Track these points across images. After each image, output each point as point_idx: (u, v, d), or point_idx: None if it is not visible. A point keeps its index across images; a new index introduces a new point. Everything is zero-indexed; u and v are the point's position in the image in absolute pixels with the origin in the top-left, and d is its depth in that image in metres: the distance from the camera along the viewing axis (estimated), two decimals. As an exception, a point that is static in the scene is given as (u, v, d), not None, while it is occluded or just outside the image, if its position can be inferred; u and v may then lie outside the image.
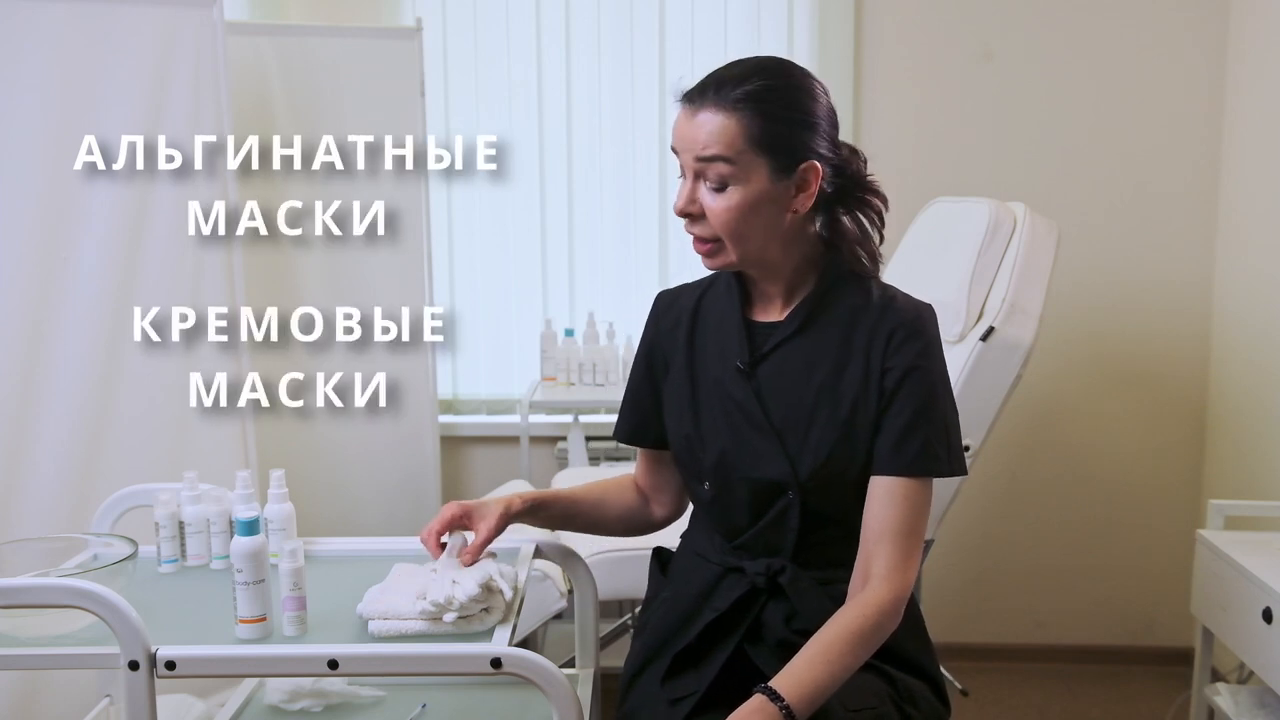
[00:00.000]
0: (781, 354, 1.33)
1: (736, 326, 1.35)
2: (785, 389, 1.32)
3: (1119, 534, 2.96)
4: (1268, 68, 2.59)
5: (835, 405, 1.30)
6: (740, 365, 1.33)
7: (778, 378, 1.32)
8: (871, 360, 1.30)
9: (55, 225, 2.01)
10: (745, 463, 1.32)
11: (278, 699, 1.56)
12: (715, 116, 1.24)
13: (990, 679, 2.86)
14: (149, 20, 2.04)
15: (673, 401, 1.39)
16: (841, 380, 1.30)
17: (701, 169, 1.25)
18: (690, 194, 1.27)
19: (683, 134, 1.26)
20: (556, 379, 2.88)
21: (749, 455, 1.32)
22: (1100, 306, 2.89)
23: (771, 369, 1.33)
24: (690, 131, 1.25)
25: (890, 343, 1.30)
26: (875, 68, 2.88)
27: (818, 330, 1.33)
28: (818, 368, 1.31)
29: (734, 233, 1.26)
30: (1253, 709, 2.04)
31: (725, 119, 1.23)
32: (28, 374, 2.00)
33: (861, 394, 1.30)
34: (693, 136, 1.25)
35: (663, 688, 1.34)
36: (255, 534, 1.26)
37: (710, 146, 1.24)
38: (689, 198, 1.27)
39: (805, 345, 1.33)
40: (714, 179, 1.25)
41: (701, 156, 1.24)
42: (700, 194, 1.26)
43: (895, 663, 1.34)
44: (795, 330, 1.33)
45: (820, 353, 1.32)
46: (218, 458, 2.10)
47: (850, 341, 1.31)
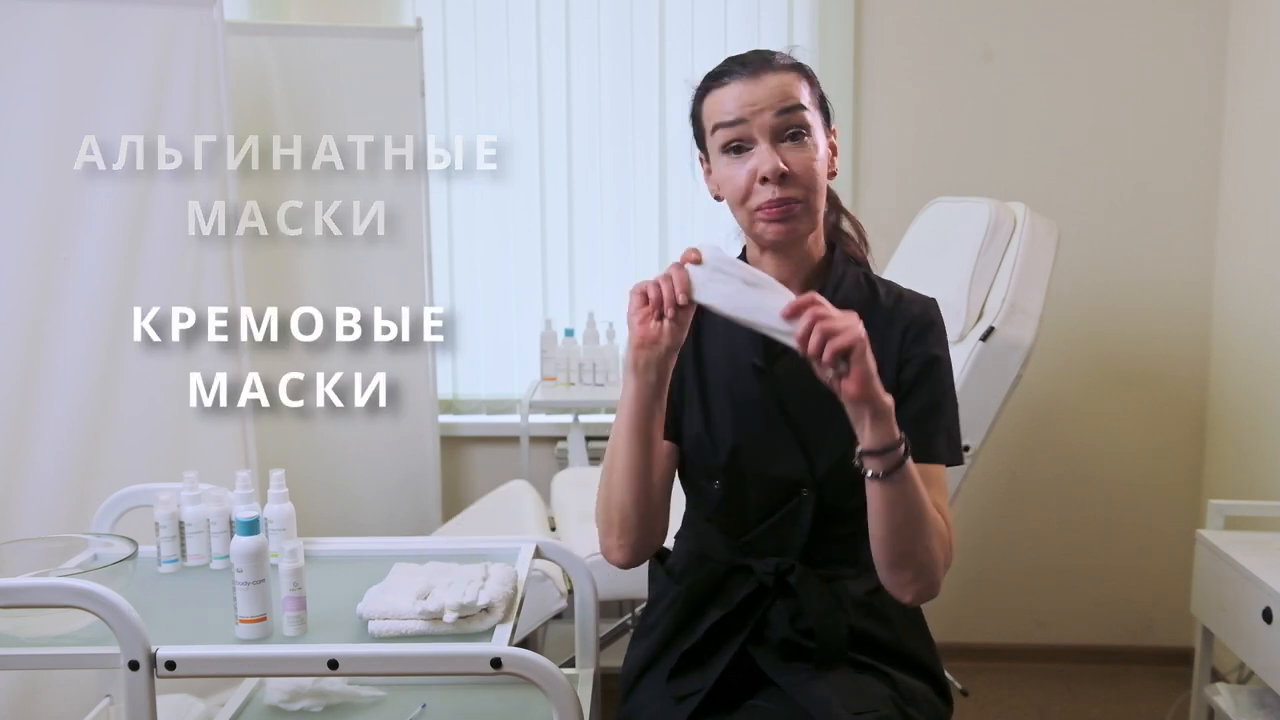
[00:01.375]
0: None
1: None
2: (802, 386, 1.32)
3: (1119, 534, 2.96)
4: (1268, 68, 2.59)
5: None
6: (757, 363, 1.34)
7: (794, 375, 1.33)
8: (886, 354, 1.31)
9: (55, 225, 2.01)
10: (760, 461, 1.32)
11: (278, 699, 1.56)
12: (779, 75, 1.27)
13: (990, 679, 2.86)
14: (149, 20, 2.04)
15: (683, 400, 1.39)
16: None
17: (781, 125, 1.26)
18: (775, 155, 1.26)
19: (748, 97, 1.26)
20: (556, 379, 2.88)
21: (764, 453, 1.32)
22: (1100, 306, 2.89)
23: (788, 366, 1.33)
24: (760, 90, 1.26)
25: (906, 336, 1.33)
26: (875, 68, 2.88)
27: None
28: None
29: (817, 186, 1.29)
30: (1253, 709, 2.04)
31: (791, 77, 1.28)
32: (28, 374, 2.00)
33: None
34: (766, 93, 1.26)
35: (668, 685, 1.34)
36: (255, 534, 1.26)
37: (791, 97, 1.26)
38: (777, 158, 1.26)
39: None
40: (795, 131, 1.27)
41: (785, 108, 1.26)
42: (782, 153, 1.26)
43: (897, 662, 1.34)
44: None
45: None
46: (218, 458, 2.10)
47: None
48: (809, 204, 1.28)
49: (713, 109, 1.29)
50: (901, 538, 1.21)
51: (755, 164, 1.26)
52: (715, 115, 1.29)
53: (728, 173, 1.29)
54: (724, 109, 1.28)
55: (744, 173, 1.27)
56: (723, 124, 1.28)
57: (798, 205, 1.28)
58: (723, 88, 1.28)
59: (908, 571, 1.24)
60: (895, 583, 1.25)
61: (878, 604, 1.36)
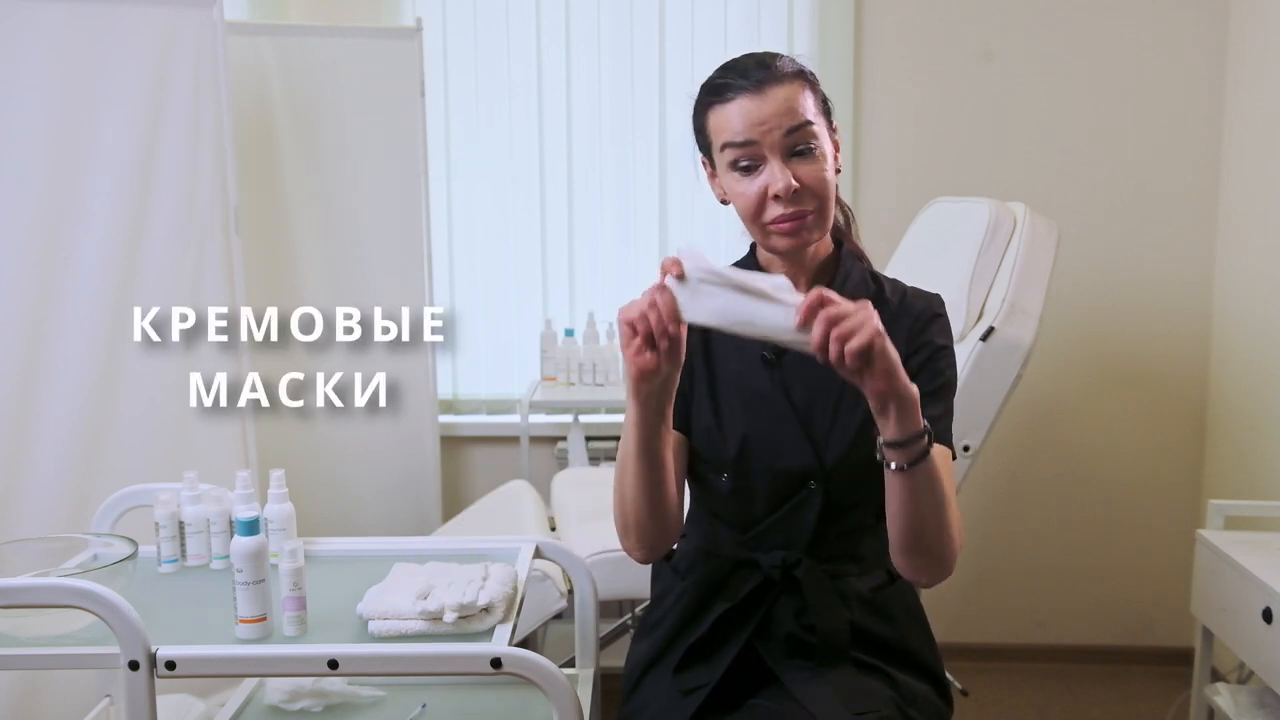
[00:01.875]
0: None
1: None
2: (810, 379, 1.33)
3: (1119, 534, 2.96)
4: (1268, 68, 2.59)
5: (858, 394, 1.31)
6: (766, 355, 1.34)
7: (803, 368, 1.33)
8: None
9: (55, 225, 2.01)
10: (769, 453, 1.33)
11: (278, 699, 1.56)
12: (785, 88, 1.26)
13: (990, 679, 2.86)
14: (149, 20, 2.04)
15: (693, 392, 1.39)
16: None
17: (791, 142, 1.26)
18: (787, 173, 1.26)
19: (756, 116, 1.25)
20: (556, 379, 2.88)
21: (773, 446, 1.33)
22: (1100, 306, 2.89)
23: (796, 359, 1.33)
24: (767, 108, 1.25)
25: (914, 327, 1.34)
26: (875, 68, 2.88)
27: None
28: None
29: (829, 194, 1.29)
30: (1253, 709, 2.04)
31: (795, 88, 1.26)
32: (28, 374, 2.00)
33: None
34: (774, 110, 1.25)
35: (674, 679, 1.34)
36: (255, 534, 1.26)
37: (801, 114, 1.26)
38: (789, 175, 1.26)
39: None
40: (805, 147, 1.26)
41: (794, 126, 1.25)
42: (794, 169, 1.26)
43: (899, 662, 1.34)
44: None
45: None
46: (218, 458, 2.10)
47: None
48: (821, 213, 1.29)
49: (719, 125, 1.28)
50: (924, 528, 1.20)
51: (767, 181, 1.26)
52: (723, 133, 1.28)
53: (738, 189, 1.29)
54: (732, 128, 1.27)
55: (755, 189, 1.27)
56: (732, 144, 1.27)
57: (811, 216, 1.28)
58: (727, 103, 1.27)
59: (925, 558, 1.23)
60: (911, 566, 1.25)
61: (881, 601, 1.36)
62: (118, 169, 2.03)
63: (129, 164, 2.04)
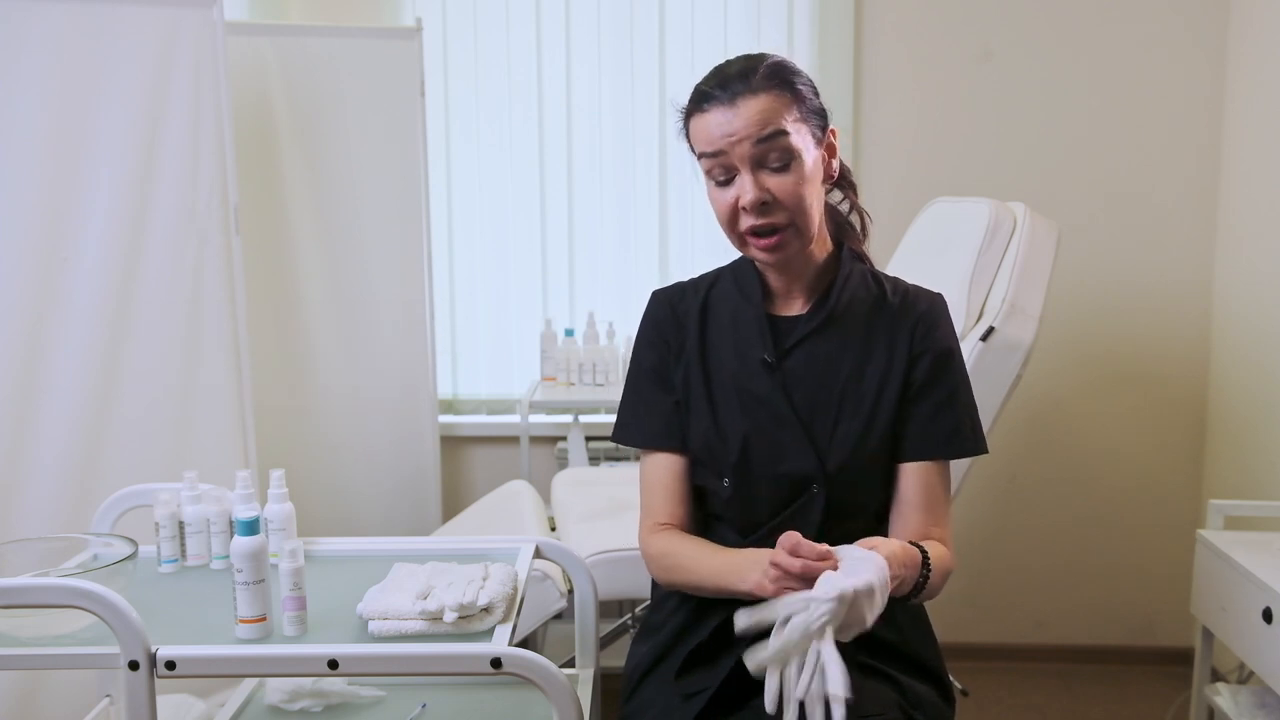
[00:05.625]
0: (807, 348, 1.35)
1: (758, 322, 1.36)
2: (811, 383, 1.34)
3: (1119, 534, 2.96)
4: (1268, 68, 2.59)
5: (860, 397, 1.33)
6: (767, 359, 1.34)
7: (803, 371, 1.34)
8: (896, 350, 1.33)
9: (55, 225, 2.01)
10: (771, 458, 1.33)
11: (278, 699, 1.56)
12: (757, 99, 1.24)
13: (990, 679, 2.86)
14: (149, 20, 2.04)
15: (689, 403, 1.39)
16: (865, 371, 1.34)
17: (761, 153, 1.25)
18: (757, 184, 1.25)
19: (726, 129, 1.25)
20: (556, 379, 2.88)
21: (774, 450, 1.33)
22: (1100, 306, 2.89)
23: (797, 363, 1.34)
24: (737, 121, 1.24)
25: (916, 331, 1.34)
26: (875, 68, 2.88)
27: (840, 323, 1.35)
28: (842, 360, 1.34)
29: (805, 209, 1.28)
30: (1253, 709, 2.04)
31: (767, 97, 1.24)
32: (28, 374, 2.00)
33: (884, 384, 1.33)
34: (743, 123, 1.24)
35: (675, 684, 1.34)
36: (255, 534, 1.26)
37: (769, 124, 1.24)
38: (759, 187, 1.25)
39: (829, 338, 1.35)
40: (776, 158, 1.25)
41: (762, 137, 1.24)
42: (764, 181, 1.26)
43: (902, 664, 1.35)
44: (821, 324, 1.35)
45: (844, 345, 1.35)
46: (218, 458, 2.10)
47: (873, 333, 1.35)
48: (796, 225, 1.28)
49: (697, 135, 1.29)
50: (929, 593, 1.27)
51: (736, 193, 1.27)
52: (699, 143, 1.29)
53: (715, 196, 1.30)
54: (706, 137, 1.27)
55: (728, 199, 1.28)
56: (705, 154, 1.28)
57: (784, 229, 1.28)
58: (705, 114, 1.27)
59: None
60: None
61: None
62: (118, 169, 2.03)
63: (129, 164, 2.04)
